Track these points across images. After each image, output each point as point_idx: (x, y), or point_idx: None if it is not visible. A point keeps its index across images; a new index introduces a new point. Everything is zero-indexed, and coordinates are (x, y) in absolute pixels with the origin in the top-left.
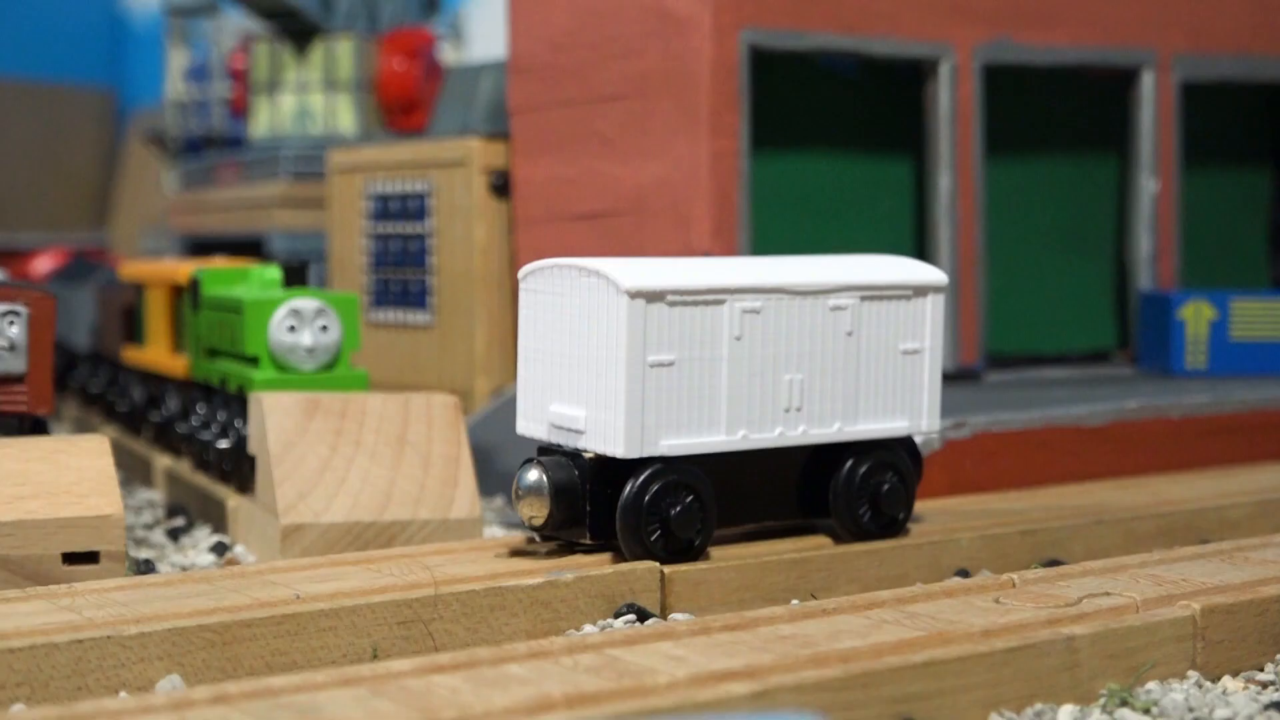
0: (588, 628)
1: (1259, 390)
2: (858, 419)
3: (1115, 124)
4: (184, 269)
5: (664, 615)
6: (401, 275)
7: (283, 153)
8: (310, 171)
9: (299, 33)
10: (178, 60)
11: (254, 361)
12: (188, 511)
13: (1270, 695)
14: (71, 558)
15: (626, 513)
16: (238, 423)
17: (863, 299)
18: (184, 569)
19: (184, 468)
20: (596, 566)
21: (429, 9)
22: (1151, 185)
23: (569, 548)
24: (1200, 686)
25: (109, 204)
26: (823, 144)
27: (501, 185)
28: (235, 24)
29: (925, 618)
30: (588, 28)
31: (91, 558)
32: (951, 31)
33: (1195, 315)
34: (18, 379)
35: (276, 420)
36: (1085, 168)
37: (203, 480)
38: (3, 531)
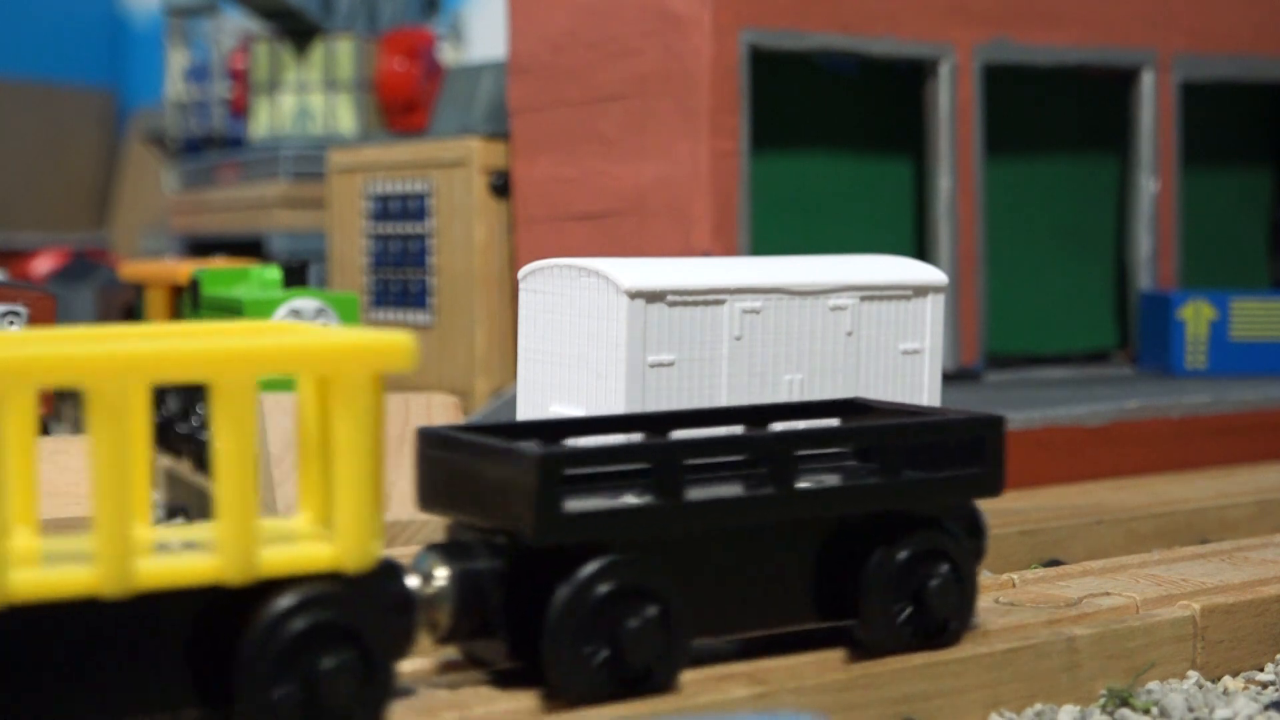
0: None
1: (1259, 390)
2: None
3: (1115, 124)
4: (184, 269)
5: None
6: (401, 275)
7: (283, 153)
8: (310, 171)
9: (299, 33)
10: (178, 60)
11: None
12: (188, 511)
13: (1270, 695)
14: None
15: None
16: None
17: (863, 299)
18: None
19: (184, 468)
20: None
21: (429, 9)
22: (1151, 185)
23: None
24: (1200, 686)
25: (109, 204)
26: (823, 144)
27: (501, 185)
28: (235, 24)
29: None
30: (588, 28)
31: None
32: (951, 31)
33: (1195, 315)
34: None
35: (276, 420)
36: (1085, 168)
37: (203, 480)
38: None
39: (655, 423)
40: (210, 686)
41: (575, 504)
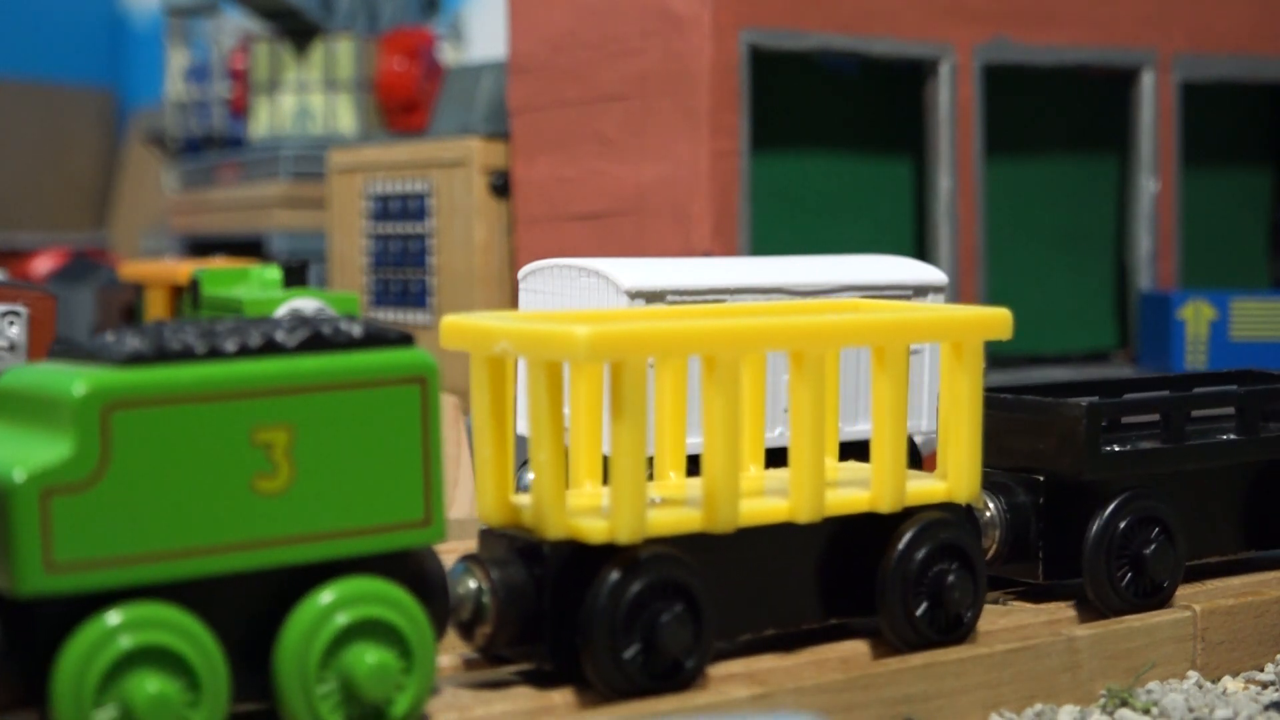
0: None
1: None
2: (857, 419)
3: (1115, 124)
4: (184, 269)
5: None
6: (401, 275)
7: (283, 153)
8: (310, 171)
9: (299, 33)
10: (178, 60)
11: None
12: None
13: (1270, 695)
14: None
15: None
16: None
17: (862, 299)
18: None
19: None
20: None
21: (429, 9)
22: (1151, 185)
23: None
24: (1200, 687)
25: (109, 204)
26: (823, 144)
27: (501, 185)
28: (235, 24)
29: None
30: (588, 28)
31: None
32: (951, 31)
33: (1195, 315)
34: None
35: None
36: (1085, 168)
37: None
38: None
39: (1109, 388)
40: (846, 596)
41: (1106, 447)
